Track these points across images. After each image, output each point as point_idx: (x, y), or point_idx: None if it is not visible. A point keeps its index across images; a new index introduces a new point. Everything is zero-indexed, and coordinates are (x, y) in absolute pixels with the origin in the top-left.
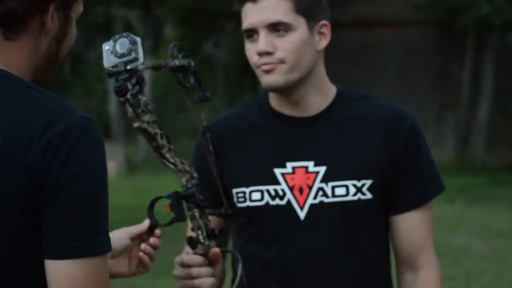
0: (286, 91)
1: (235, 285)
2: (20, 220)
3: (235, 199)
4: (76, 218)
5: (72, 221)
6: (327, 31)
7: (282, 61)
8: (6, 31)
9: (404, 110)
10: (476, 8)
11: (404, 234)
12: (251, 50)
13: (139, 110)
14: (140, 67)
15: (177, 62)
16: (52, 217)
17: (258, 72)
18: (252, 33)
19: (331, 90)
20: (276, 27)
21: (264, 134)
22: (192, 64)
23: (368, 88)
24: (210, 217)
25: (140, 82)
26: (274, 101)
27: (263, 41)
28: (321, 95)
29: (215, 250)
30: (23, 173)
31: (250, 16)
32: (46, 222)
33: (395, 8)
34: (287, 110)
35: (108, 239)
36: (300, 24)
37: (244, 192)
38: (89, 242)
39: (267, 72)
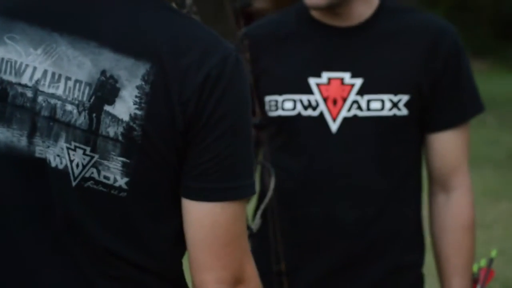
0: (330, 8)
1: (267, 198)
2: (167, 156)
3: (267, 107)
4: (226, 158)
5: (222, 161)
6: None
7: None
8: None
9: (448, 26)
10: None
11: (439, 153)
12: None
13: (184, 11)
14: None
15: None
16: (201, 156)
17: None
18: None
19: (374, 1)
20: None
21: (301, 42)
22: None
23: None
24: None
25: None
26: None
27: None
28: (364, 5)
29: None
30: (178, 107)
31: None
32: (194, 161)
33: None
34: (326, 19)
35: (254, 181)
36: None
37: (276, 100)
38: (238, 184)
39: None
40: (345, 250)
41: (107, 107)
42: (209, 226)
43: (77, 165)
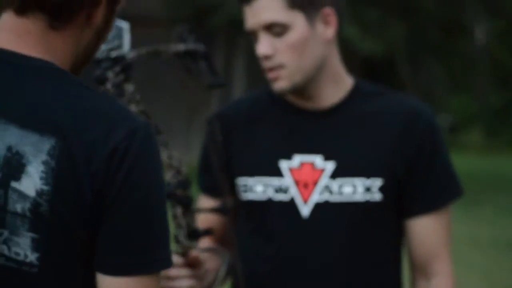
0: (297, 90)
1: (216, 282)
2: (77, 231)
3: (238, 189)
4: (139, 232)
5: (135, 235)
6: (331, 17)
7: (282, 66)
8: (53, 20)
9: (422, 107)
10: (225, 8)
11: (417, 239)
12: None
13: (123, 100)
14: (129, 55)
15: (183, 47)
16: (113, 230)
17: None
18: (254, 35)
19: (347, 82)
20: (272, 28)
21: (273, 124)
22: (203, 48)
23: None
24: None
25: (127, 70)
26: None
27: (262, 44)
28: (335, 88)
29: (193, 253)
30: (86, 181)
31: (248, 19)
32: (105, 235)
33: (145, 4)
34: (298, 102)
35: (170, 254)
36: (297, 20)
37: (247, 182)
38: (151, 258)
39: (273, 79)
40: None
41: (13, 183)
42: None
43: None
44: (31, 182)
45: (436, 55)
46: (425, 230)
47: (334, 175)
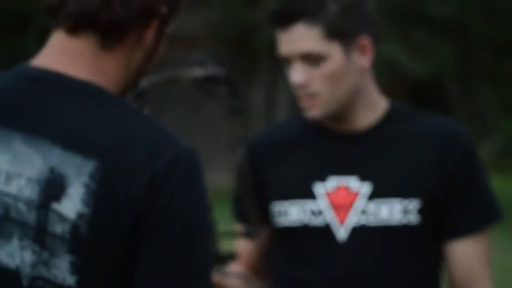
0: (330, 116)
1: None
2: (115, 255)
3: (272, 216)
4: (177, 258)
5: (174, 261)
6: (368, 46)
7: (316, 94)
8: (105, 39)
9: (460, 129)
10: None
11: (457, 262)
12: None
13: None
14: (143, 82)
15: (203, 72)
16: (151, 256)
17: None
18: (287, 61)
19: (381, 105)
20: (308, 57)
21: (307, 148)
22: (225, 73)
23: (157, 110)
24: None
25: (141, 96)
26: None
27: (296, 73)
28: (369, 111)
29: (217, 277)
30: (125, 205)
31: (283, 45)
32: (144, 260)
33: (185, 25)
34: (332, 124)
35: (209, 280)
36: (334, 51)
37: (281, 208)
38: (190, 285)
39: (306, 107)
40: None
41: (54, 205)
42: None
43: (28, 264)
44: (71, 204)
45: (487, 77)
46: (465, 253)
47: (371, 196)
